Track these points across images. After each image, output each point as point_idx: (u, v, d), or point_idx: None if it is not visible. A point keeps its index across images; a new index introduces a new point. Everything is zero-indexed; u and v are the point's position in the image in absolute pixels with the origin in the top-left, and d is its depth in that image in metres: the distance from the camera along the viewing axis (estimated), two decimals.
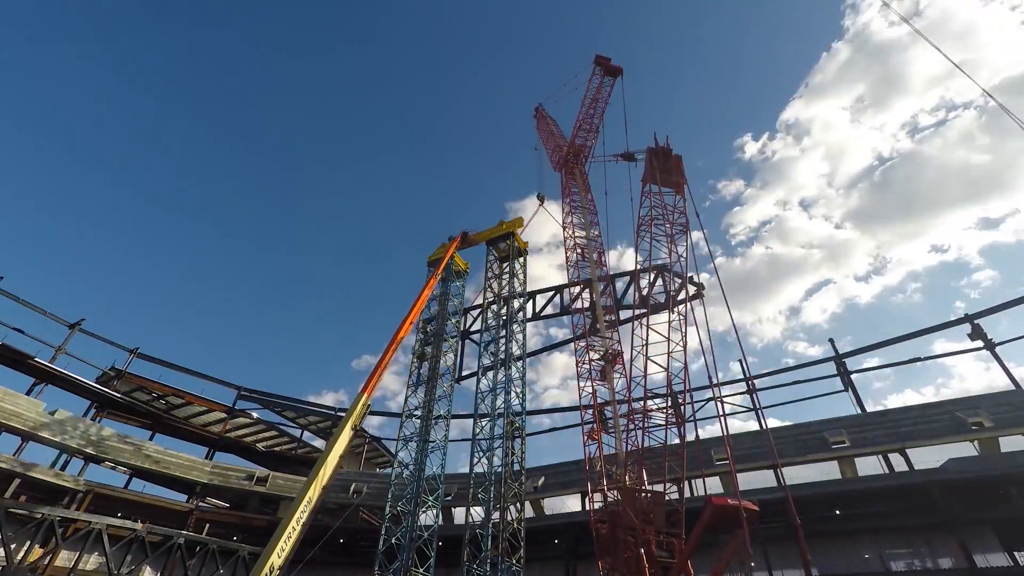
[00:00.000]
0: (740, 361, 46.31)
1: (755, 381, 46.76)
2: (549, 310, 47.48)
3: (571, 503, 43.32)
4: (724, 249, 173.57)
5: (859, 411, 41.34)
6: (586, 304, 31.83)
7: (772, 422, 47.27)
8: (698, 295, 23.83)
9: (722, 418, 24.53)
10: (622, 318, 35.86)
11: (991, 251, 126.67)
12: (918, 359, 46.11)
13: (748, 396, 45.20)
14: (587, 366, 29.41)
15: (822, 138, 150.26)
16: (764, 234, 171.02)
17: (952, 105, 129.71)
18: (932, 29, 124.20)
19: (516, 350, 35.72)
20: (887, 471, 34.48)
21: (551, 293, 47.91)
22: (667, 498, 22.57)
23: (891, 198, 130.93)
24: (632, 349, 24.07)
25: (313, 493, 16.95)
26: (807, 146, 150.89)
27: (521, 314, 38.40)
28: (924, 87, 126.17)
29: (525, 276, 40.81)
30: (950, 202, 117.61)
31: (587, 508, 30.17)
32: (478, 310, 44.00)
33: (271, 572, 14.42)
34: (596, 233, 34.86)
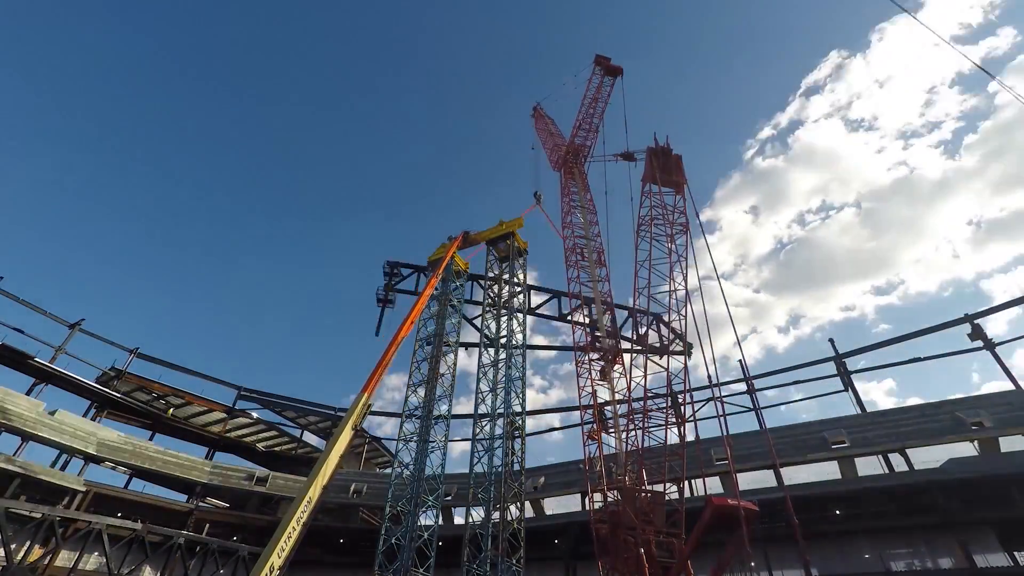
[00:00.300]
0: (740, 361, 46.37)
1: (755, 381, 46.81)
2: (546, 309, 47.82)
3: (569, 504, 43.38)
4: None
5: (859, 411, 41.36)
6: (585, 319, 31.55)
7: (772, 422, 47.27)
8: (687, 353, 24.85)
9: (722, 418, 24.54)
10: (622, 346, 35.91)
11: (885, 310, 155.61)
12: (918, 359, 46.18)
13: (748, 396, 45.18)
14: (587, 366, 29.39)
15: (730, 232, 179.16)
16: (693, 297, 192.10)
17: (831, 206, 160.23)
18: (801, 157, 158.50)
19: (516, 349, 35.73)
20: (887, 471, 34.48)
21: (549, 296, 48.20)
22: (667, 498, 22.57)
23: (796, 273, 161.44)
24: (632, 348, 24.09)
25: (313, 493, 16.91)
26: (719, 237, 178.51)
27: (521, 314, 38.40)
28: (805, 197, 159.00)
29: (525, 276, 40.88)
30: (846, 275, 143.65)
31: (587, 508, 30.17)
32: (478, 309, 44.00)
33: (271, 572, 14.39)
34: (596, 233, 34.85)
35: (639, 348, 25.15)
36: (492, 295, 40.27)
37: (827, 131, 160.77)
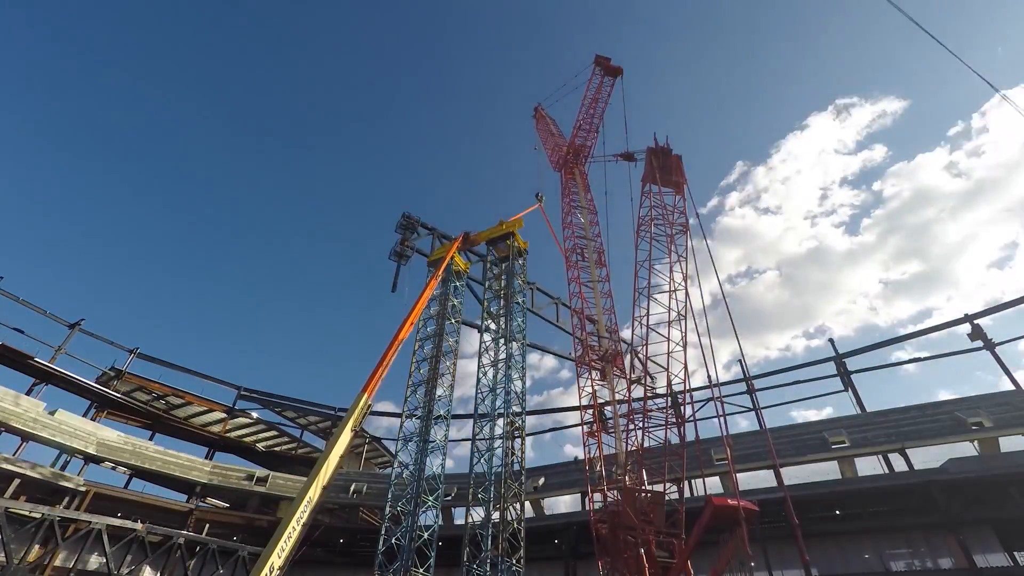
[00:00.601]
0: (740, 361, 46.36)
1: (755, 381, 46.82)
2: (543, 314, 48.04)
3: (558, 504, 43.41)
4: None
5: (859, 411, 41.35)
6: (583, 328, 31.50)
7: (772, 422, 47.25)
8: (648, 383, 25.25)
9: (722, 418, 24.56)
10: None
11: (815, 351, 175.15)
12: (917, 359, 46.26)
13: (748, 396, 45.17)
14: (586, 366, 29.41)
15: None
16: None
17: (756, 270, 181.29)
18: (724, 237, 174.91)
19: (516, 349, 35.69)
20: (887, 471, 34.46)
21: (548, 302, 48.40)
22: (667, 498, 22.58)
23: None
24: (632, 349, 24.13)
25: (313, 493, 16.89)
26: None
27: (521, 315, 38.33)
28: (733, 265, 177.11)
29: (525, 276, 40.82)
30: (779, 324, 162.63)
31: (587, 508, 30.17)
32: (478, 308, 43.93)
33: (271, 572, 14.36)
34: (596, 233, 34.88)
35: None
36: (492, 295, 40.23)
37: (742, 216, 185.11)
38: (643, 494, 22.55)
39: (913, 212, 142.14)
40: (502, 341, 36.16)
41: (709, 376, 48.07)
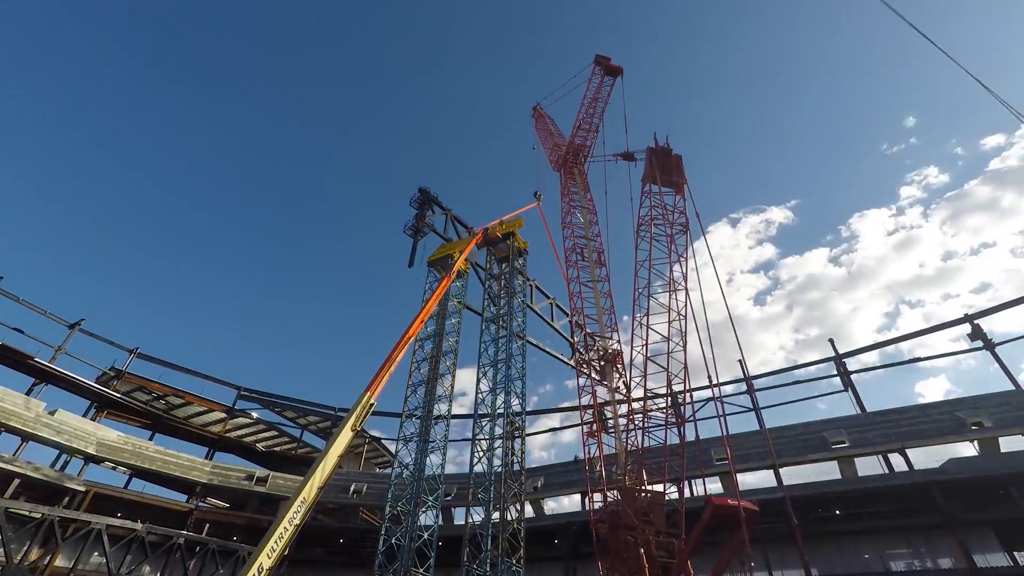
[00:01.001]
0: (740, 361, 46.32)
1: (755, 381, 46.81)
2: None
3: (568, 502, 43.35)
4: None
5: (859, 411, 41.34)
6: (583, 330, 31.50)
7: (771, 422, 47.27)
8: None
9: (722, 418, 24.55)
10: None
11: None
12: (918, 359, 46.26)
13: (748, 396, 45.16)
14: (586, 368, 29.40)
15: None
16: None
17: (683, 331, 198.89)
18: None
19: (516, 349, 35.68)
20: (887, 471, 34.46)
21: (545, 303, 48.37)
22: (667, 498, 22.59)
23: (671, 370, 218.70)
24: (632, 349, 24.16)
25: (308, 493, 16.69)
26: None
27: (522, 315, 38.34)
28: (663, 327, 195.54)
29: (525, 276, 40.74)
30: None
31: (587, 508, 30.18)
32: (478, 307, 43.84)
33: (259, 572, 14.16)
34: (595, 233, 34.86)
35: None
36: (492, 294, 40.20)
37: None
38: (643, 494, 22.55)
39: (807, 292, 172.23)
40: (502, 341, 36.16)
41: (709, 376, 48.07)
